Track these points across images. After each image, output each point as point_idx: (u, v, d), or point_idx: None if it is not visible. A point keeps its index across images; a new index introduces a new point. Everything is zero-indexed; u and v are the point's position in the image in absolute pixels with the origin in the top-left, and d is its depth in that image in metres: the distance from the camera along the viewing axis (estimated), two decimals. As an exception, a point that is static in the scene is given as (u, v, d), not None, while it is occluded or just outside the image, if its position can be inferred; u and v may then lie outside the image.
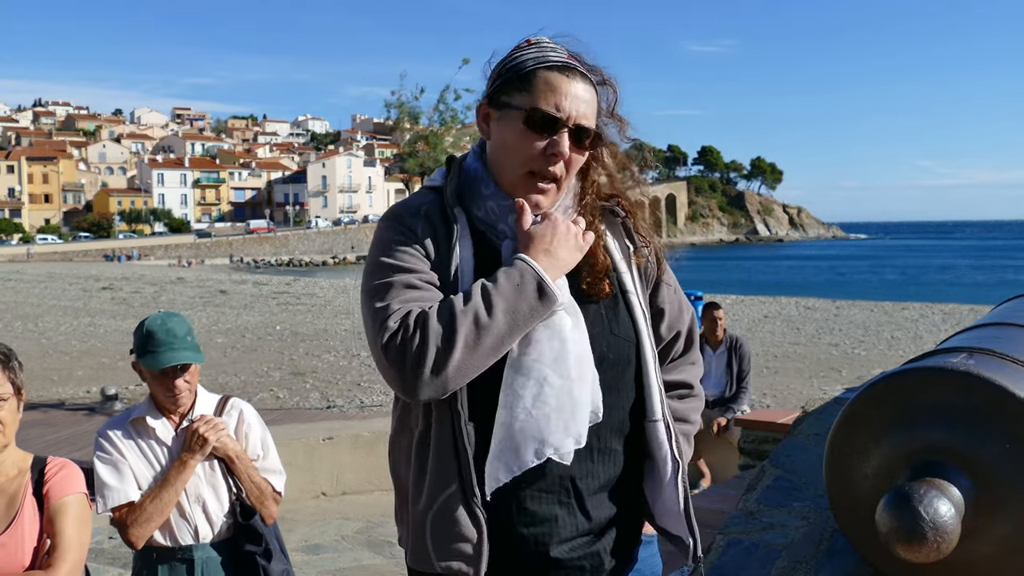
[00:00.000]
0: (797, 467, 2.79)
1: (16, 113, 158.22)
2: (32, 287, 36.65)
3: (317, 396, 12.08)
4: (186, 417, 2.94)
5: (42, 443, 8.55)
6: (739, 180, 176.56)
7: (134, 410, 3.00)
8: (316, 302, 30.03)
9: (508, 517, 1.68)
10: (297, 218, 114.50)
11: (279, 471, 3.07)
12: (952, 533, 1.78)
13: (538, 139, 1.71)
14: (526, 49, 1.77)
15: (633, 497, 1.82)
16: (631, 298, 1.81)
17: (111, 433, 2.90)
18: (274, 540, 2.99)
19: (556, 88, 1.71)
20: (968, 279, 62.86)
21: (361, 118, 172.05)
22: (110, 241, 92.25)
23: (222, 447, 2.89)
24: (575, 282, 1.74)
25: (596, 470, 1.73)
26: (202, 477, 2.89)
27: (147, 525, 2.79)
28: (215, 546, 2.90)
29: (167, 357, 2.83)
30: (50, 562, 2.34)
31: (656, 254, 1.91)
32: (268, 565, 2.89)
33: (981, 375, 1.96)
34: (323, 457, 7.12)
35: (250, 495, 2.94)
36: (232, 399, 3.09)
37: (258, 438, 3.05)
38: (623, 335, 1.78)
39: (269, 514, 2.98)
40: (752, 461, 6.09)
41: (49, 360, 15.33)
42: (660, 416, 1.78)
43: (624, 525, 1.80)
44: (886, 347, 17.70)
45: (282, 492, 3.05)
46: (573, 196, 1.83)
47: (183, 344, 2.86)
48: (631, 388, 1.79)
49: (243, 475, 2.93)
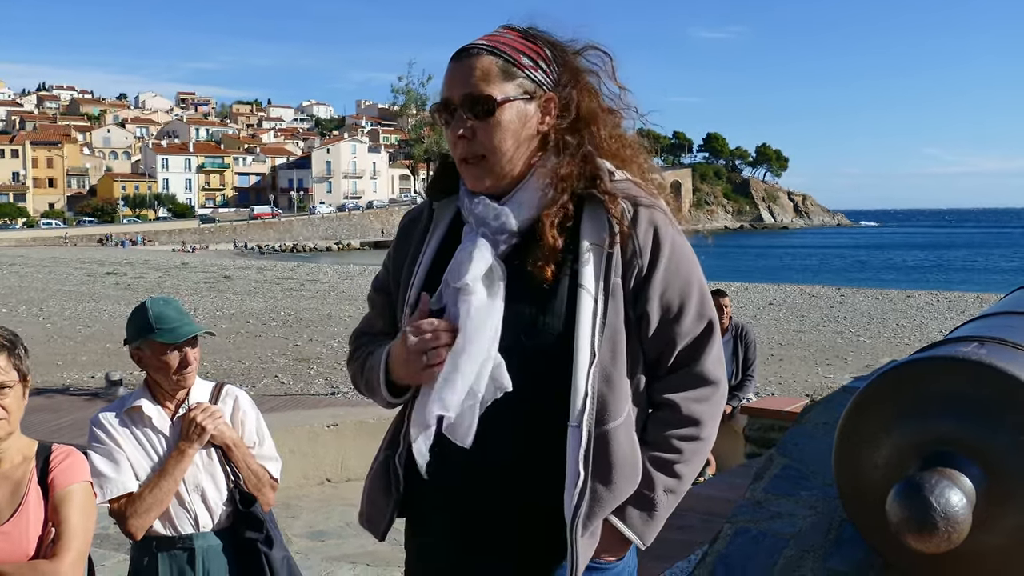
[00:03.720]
0: (805, 456, 2.78)
1: (20, 97, 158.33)
2: (36, 271, 36.72)
3: (321, 382, 12.09)
4: (182, 405, 2.91)
5: (46, 429, 8.57)
6: (744, 167, 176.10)
7: (128, 398, 2.96)
8: (320, 288, 30.06)
9: (419, 476, 1.76)
10: (301, 204, 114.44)
11: (275, 458, 3.06)
12: (963, 523, 1.77)
13: (446, 127, 1.76)
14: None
15: (544, 489, 1.72)
16: (581, 292, 1.68)
17: (106, 422, 2.88)
18: (274, 527, 2.98)
19: (446, 77, 1.75)
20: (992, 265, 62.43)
21: (366, 104, 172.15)
22: (114, 226, 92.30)
23: (219, 435, 2.87)
24: (523, 262, 1.72)
25: (491, 451, 1.71)
26: (200, 466, 2.87)
27: (147, 516, 2.77)
28: (216, 534, 2.88)
29: (187, 329, 2.83)
30: (55, 551, 2.32)
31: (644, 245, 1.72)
32: (270, 552, 2.88)
33: (993, 364, 1.94)
34: (327, 443, 7.13)
35: (248, 482, 2.92)
36: (227, 386, 3.06)
37: (254, 425, 3.04)
38: (550, 326, 1.70)
39: (267, 501, 2.97)
40: (758, 449, 6.09)
41: (54, 345, 15.36)
42: (579, 423, 1.66)
43: (531, 516, 1.73)
44: (891, 335, 17.69)
45: (279, 479, 3.04)
46: (549, 173, 1.74)
47: (190, 320, 2.89)
48: (555, 383, 1.68)
49: (241, 463, 2.92)
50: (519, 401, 1.69)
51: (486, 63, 1.71)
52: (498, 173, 1.74)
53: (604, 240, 1.71)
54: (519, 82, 1.72)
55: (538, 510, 1.72)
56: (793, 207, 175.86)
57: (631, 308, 1.74)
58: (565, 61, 1.78)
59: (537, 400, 1.70)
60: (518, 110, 1.72)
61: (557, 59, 1.78)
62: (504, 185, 1.76)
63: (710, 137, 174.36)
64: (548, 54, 1.76)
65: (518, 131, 1.72)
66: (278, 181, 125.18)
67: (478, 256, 1.71)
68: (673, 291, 1.76)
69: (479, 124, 1.71)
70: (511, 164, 1.74)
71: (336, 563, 5.31)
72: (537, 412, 1.71)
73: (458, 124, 1.72)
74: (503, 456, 1.72)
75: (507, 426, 1.71)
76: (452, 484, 1.76)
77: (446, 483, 1.75)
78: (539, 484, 1.71)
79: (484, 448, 1.70)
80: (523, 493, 1.73)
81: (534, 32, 1.79)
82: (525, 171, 1.76)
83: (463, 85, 1.71)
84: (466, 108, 1.71)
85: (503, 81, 1.70)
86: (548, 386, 1.69)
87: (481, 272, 1.69)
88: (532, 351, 1.70)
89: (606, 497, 1.70)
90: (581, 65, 1.81)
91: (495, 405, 1.69)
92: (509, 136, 1.72)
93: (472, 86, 1.70)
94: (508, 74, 1.71)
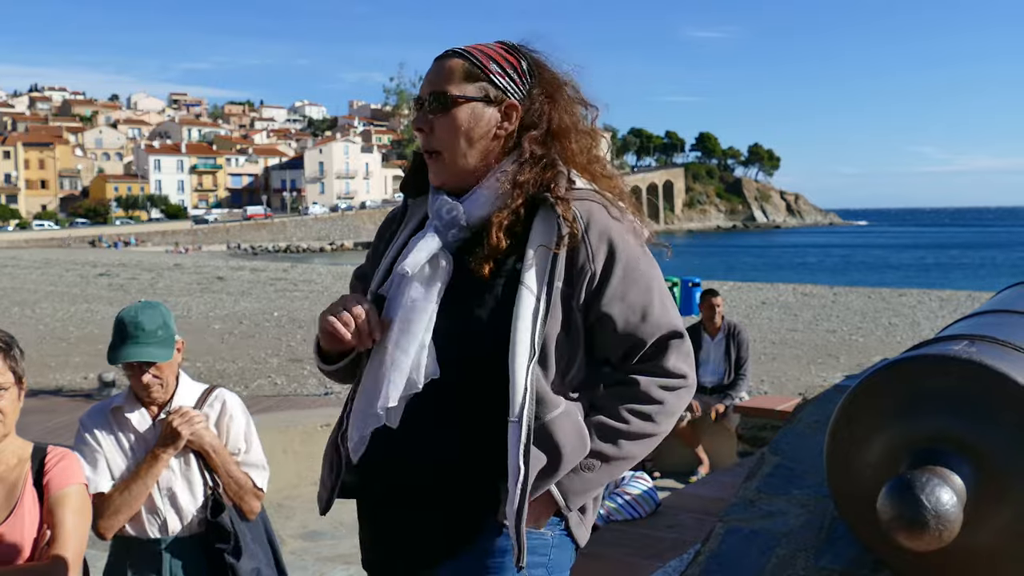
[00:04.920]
0: (797, 455, 2.79)
1: (12, 99, 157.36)
2: (29, 273, 36.59)
3: (315, 383, 12.06)
4: (164, 408, 2.87)
5: (40, 430, 8.54)
6: (737, 167, 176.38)
7: (115, 399, 2.95)
8: (314, 288, 30.00)
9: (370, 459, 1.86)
10: (294, 205, 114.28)
11: (262, 466, 2.99)
12: (954, 521, 1.78)
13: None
14: None
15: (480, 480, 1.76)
16: (522, 290, 1.71)
17: (90, 421, 2.87)
18: (250, 535, 2.90)
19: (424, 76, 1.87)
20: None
21: (358, 104, 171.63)
22: (107, 227, 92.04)
23: (197, 439, 2.82)
24: (466, 259, 1.78)
25: (428, 442, 1.76)
26: (176, 470, 2.83)
27: (115, 517, 2.76)
28: (185, 540, 2.84)
29: (124, 352, 2.75)
30: (50, 553, 2.31)
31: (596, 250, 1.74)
32: (237, 563, 2.81)
33: (983, 363, 1.96)
34: (321, 444, 7.02)
35: (227, 489, 2.87)
36: (218, 390, 3.01)
37: (240, 431, 2.97)
38: (486, 324, 1.73)
39: (249, 509, 2.91)
40: (750, 448, 6.10)
41: (47, 346, 15.30)
42: (519, 418, 1.68)
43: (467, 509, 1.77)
44: (884, 333, 17.71)
45: (264, 488, 2.96)
46: (509, 177, 1.78)
47: (149, 339, 2.75)
48: (493, 377, 1.71)
49: (220, 469, 2.86)
50: (457, 392, 1.76)
51: (454, 64, 1.81)
52: (452, 169, 1.82)
53: (552, 243, 1.74)
54: (481, 85, 1.80)
55: (475, 499, 1.77)
56: (786, 206, 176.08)
57: (585, 311, 1.77)
58: (543, 77, 1.85)
59: (475, 393, 1.75)
60: (474, 110, 1.79)
61: (534, 73, 1.84)
62: (465, 183, 1.83)
63: (702, 136, 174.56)
64: (524, 67, 1.83)
65: (471, 130, 1.79)
66: (271, 182, 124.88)
67: (422, 246, 1.79)
68: (632, 297, 1.77)
69: (436, 119, 1.80)
70: (464, 161, 1.81)
71: (330, 563, 5.30)
72: (475, 405, 1.75)
73: (420, 118, 1.83)
74: (441, 449, 1.76)
75: (445, 418, 1.77)
76: (392, 473, 1.82)
77: (386, 471, 1.83)
78: (477, 477, 1.76)
79: (421, 439, 1.77)
80: (460, 486, 1.77)
81: (518, 46, 1.87)
82: (484, 171, 1.82)
83: (430, 83, 1.82)
84: (428, 103, 1.81)
85: (464, 81, 1.79)
86: (485, 379, 1.73)
87: (421, 261, 1.78)
88: (468, 343, 1.75)
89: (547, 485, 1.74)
90: (561, 82, 1.86)
91: (434, 396, 1.75)
92: (462, 134, 1.79)
93: (436, 83, 1.81)
94: (471, 76, 1.79)
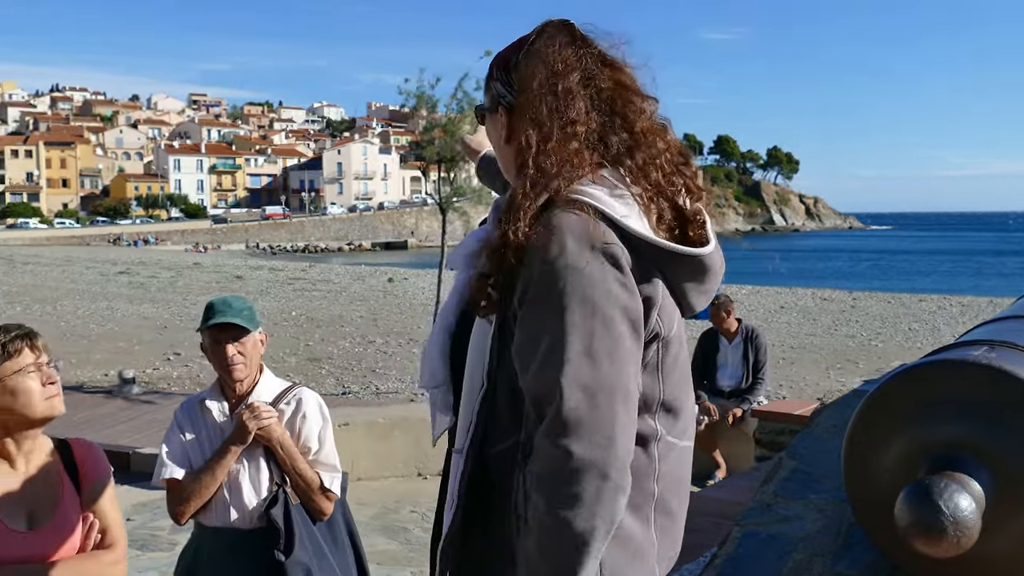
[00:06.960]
0: (814, 459, 2.78)
1: (34, 99, 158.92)
2: (50, 270, 36.91)
3: (332, 382, 12.12)
4: (243, 402, 2.97)
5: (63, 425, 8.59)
6: (755, 170, 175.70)
7: (204, 392, 3.09)
8: (332, 288, 30.10)
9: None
10: (312, 205, 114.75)
11: (334, 467, 3.04)
12: (972, 528, 1.77)
13: None
14: None
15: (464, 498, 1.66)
16: (508, 317, 1.55)
17: (180, 412, 3.03)
18: (309, 533, 2.94)
19: None
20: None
21: (376, 105, 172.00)
22: (127, 226, 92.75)
23: (266, 434, 2.90)
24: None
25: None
26: (244, 463, 2.93)
27: (187, 504, 2.90)
28: (245, 533, 2.92)
29: (212, 320, 2.91)
30: (106, 542, 2.40)
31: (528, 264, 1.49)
32: (286, 560, 2.85)
33: (1003, 368, 1.94)
34: (338, 443, 7.07)
35: (295, 487, 2.94)
36: (297, 389, 3.10)
37: (314, 431, 3.03)
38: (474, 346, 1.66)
39: (319, 509, 2.98)
40: (768, 452, 6.08)
41: (68, 343, 15.43)
42: (462, 448, 1.64)
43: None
44: (903, 339, 17.59)
45: (335, 490, 3.01)
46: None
47: (235, 313, 2.92)
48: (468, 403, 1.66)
49: (287, 465, 2.93)
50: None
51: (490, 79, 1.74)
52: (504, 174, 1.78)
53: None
54: (490, 94, 1.72)
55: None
56: (804, 210, 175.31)
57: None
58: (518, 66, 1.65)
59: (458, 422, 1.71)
60: (491, 119, 1.73)
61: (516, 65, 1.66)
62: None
63: (721, 139, 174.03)
64: (514, 61, 1.66)
65: (494, 139, 1.75)
66: (289, 182, 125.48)
67: (469, 239, 1.72)
68: (526, 330, 1.49)
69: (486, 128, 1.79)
70: (504, 168, 1.75)
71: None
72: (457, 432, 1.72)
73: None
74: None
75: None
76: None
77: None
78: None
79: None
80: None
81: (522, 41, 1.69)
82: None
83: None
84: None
85: (485, 91, 1.75)
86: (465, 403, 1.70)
87: (463, 253, 1.70)
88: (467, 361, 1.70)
89: (479, 520, 1.63)
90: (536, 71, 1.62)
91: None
92: (492, 142, 1.77)
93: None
94: (487, 85, 1.74)
